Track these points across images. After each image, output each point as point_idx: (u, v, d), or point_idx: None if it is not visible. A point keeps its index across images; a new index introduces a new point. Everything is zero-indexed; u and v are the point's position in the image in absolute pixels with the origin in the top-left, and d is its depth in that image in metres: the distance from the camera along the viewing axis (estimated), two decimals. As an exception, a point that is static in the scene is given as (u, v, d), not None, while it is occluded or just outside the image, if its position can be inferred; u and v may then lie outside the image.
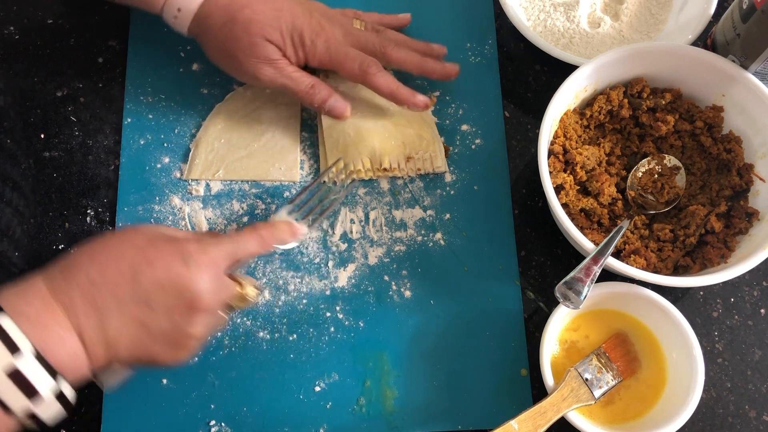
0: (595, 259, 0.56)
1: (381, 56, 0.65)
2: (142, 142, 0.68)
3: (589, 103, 0.65)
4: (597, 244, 0.57)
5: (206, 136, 0.67)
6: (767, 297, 0.64)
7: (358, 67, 0.64)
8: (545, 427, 0.55)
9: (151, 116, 0.69)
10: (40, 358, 0.45)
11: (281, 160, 0.67)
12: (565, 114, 0.64)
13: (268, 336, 0.62)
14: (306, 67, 0.65)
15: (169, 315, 0.50)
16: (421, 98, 0.66)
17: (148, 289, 0.49)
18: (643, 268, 0.58)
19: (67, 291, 0.48)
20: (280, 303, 0.63)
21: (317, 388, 0.61)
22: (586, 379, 0.57)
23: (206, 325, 0.52)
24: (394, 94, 0.65)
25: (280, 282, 0.64)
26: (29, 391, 0.45)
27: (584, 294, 0.55)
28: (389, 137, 0.67)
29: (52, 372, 0.46)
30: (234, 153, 0.67)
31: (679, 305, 0.61)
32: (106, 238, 0.51)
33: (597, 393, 0.57)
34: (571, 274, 0.56)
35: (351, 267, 0.64)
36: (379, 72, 0.64)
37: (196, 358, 0.61)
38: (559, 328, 0.60)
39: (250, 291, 0.56)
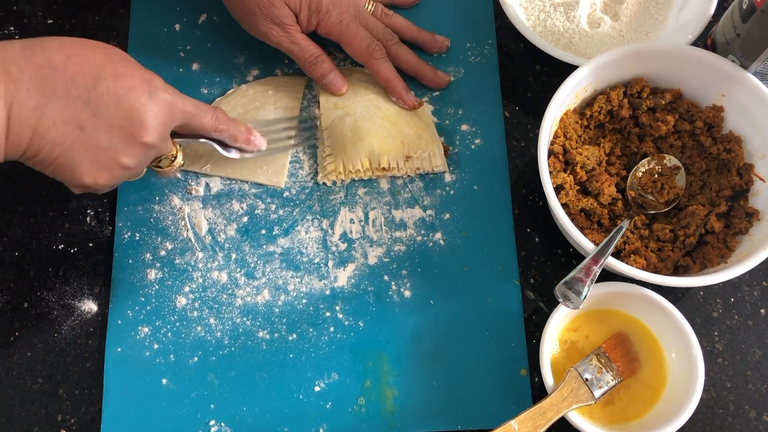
0: (595, 259, 0.56)
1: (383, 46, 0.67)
2: (141, 142, 0.68)
3: (589, 103, 0.65)
4: (597, 244, 0.57)
5: None
6: (767, 297, 0.64)
7: (365, 47, 0.65)
8: (545, 427, 0.55)
9: (151, 116, 0.69)
10: None
11: (269, 163, 0.67)
12: (565, 114, 0.64)
13: (267, 336, 0.62)
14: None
15: (109, 132, 0.49)
16: (411, 97, 0.68)
17: (103, 97, 0.48)
18: (643, 268, 0.58)
19: (19, 62, 0.46)
20: (279, 303, 0.63)
21: (317, 388, 0.61)
22: (586, 379, 0.57)
23: (137, 160, 0.52)
24: (390, 84, 0.67)
25: (280, 282, 0.64)
26: None
27: (584, 294, 0.55)
28: (388, 137, 0.67)
29: None
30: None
31: (679, 305, 0.61)
32: (83, 40, 0.50)
33: (597, 393, 0.57)
34: (571, 274, 0.56)
35: (351, 267, 0.64)
36: (383, 58, 0.66)
37: (196, 359, 0.61)
38: (559, 328, 0.60)
39: (180, 158, 0.58)
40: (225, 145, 0.62)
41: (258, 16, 0.63)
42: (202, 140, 0.60)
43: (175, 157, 0.58)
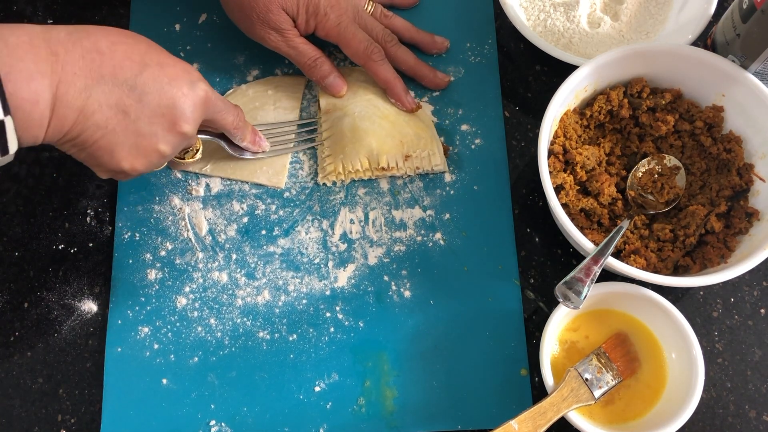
0: (595, 259, 0.56)
1: (381, 48, 0.67)
2: (142, 142, 0.68)
3: (589, 103, 0.65)
4: (597, 244, 0.57)
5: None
6: (767, 297, 0.64)
7: (363, 49, 0.65)
8: (545, 427, 0.55)
9: (151, 116, 0.69)
10: None
11: (270, 164, 0.67)
12: (565, 114, 0.64)
13: (268, 336, 0.62)
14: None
15: (152, 119, 0.50)
16: (410, 100, 0.68)
17: (148, 84, 0.49)
18: (643, 268, 0.58)
19: (67, 44, 0.46)
20: (280, 303, 0.63)
21: (317, 388, 0.61)
22: (586, 379, 0.57)
23: (173, 148, 0.53)
24: (389, 85, 0.67)
25: (280, 282, 0.64)
26: None
27: (584, 294, 0.55)
28: (387, 136, 0.67)
29: (3, 101, 0.43)
30: (224, 150, 0.67)
31: (679, 305, 0.61)
32: (124, 30, 0.51)
33: (597, 393, 0.57)
34: (571, 274, 0.56)
35: (351, 267, 0.64)
36: (382, 60, 0.66)
37: (197, 359, 0.61)
38: (559, 328, 0.60)
39: (200, 152, 0.60)
40: (232, 144, 0.64)
41: (255, 22, 0.63)
42: (210, 138, 0.62)
43: (198, 150, 0.60)
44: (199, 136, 0.61)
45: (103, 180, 0.67)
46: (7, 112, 0.43)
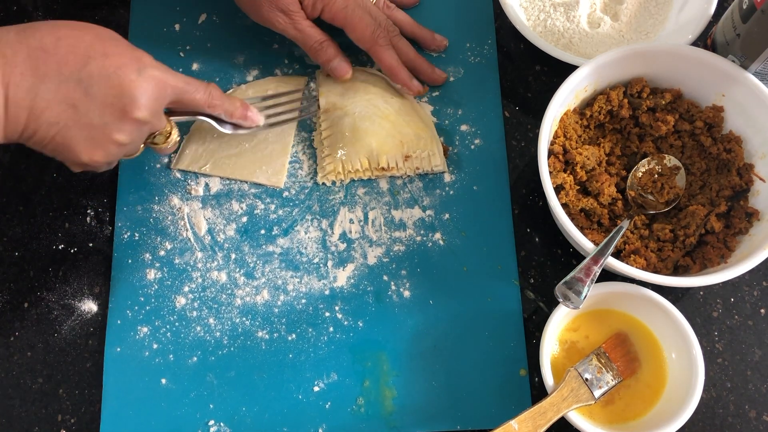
0: (595, 259, 0.56)
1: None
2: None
3: (589, 103, 0.65)
4: (597, 244, 0.57)
5: (200, 129, 0.68)
6: (767, 297, 0.64)
7: (370, 34, 0.65)
8: (545, 427, 0.55)
9: (150, 116, 0.69)
10: None
11: (269, 163, 0.67)
12: (565, 114, 0.63)
13: (267, 336, 0.62)
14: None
15: (101, 110, 0.50)
16: (416, 83, 0.68)
17: (93, 76, 0.49)
18: (643, 268, 0.58)
19: (14, 45, 0.47)
20: (279, 303, 0.63)
21: (316, 388, 0.61)
22: (586, 379, 0.57)
23: (130, 136, 0.53)
24: (394, 71, 0.67)
25: (279, 282, 0.64)
26: None
27: (584, 294, 0.55)
28: (387, 136, 0.67)
29: None
30: (224, 149, 0.67)
31: (679, 305, 0.61)
32: (74, 22, 0.51)
33: (597, 393, 0.57)
34: (571, 274, 0.56)
35: (350, 267, 0.64)
36: (387, 45, 0.66)
37: (195, 359, 0.61)
38: (559, 328, 0.60)
39: (175, 135, 0.59)
40: (222, 122, 0.63)
41: (263, 4, 0.64)
42: (200, 117, 0.61)
43: (170, 134, 0.59)
44: (180, 118, 0.60)
45: (103, 180, 0.67)
46: None
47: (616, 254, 0.60)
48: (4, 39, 0.47)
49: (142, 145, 0.58)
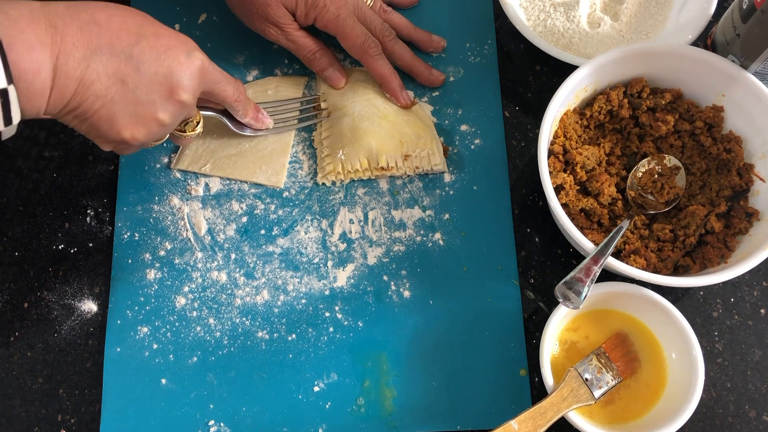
0: (595, 259, 0.56)
1: (379, 42, 0.67)
2: (141, 142, 0.68)
3: (589, 103, 0.65)
4: (597, 244, 0.57)
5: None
6: (767, 297, 0.64)
7: (360, 44, 0.66)
8: (545, 427, 0.55)
9: (150, 116, 0.69)
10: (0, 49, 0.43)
11: (269, 163, 0.67)
12: (565, 114, 0.63)
13: (267, 336, 0.62)
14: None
15: (149, 87, 0.51)
16: (405, 96, 0.68)
17: (145, 54, 0.50)
18: (643, 268, 0.58)
19: (65, 17, 0.48)
20: (279, 303, 0.63)
21: (316, 388, 0.61)
22: (586, 379, 0.57)
23: (173, 117, 0.53)
24: (385, 80, 0.67)
25: (279, 282, 0.64)
26: None
27: (584, 294, 0.55)
28: (386, 136, 0.67)
29: (7, 70, 0.44)
30: (224, 149, 0.67)
31: (679, 305, 0.61)
32: (122, 6, 0.52)
33: (597, 393, 0.57)
34: (571, 274, 0.56)
35: (350, 267, 0.64)
36: (378, 55, 0.66)
37: (195, 359, 0.61)
38: (559, 328, 0.60)
39: (200, 126, 0.60)
40: (234, 121, 0.64)
41: (254, 16, 0.64)
42: (217, 114, 0.63)
43: (198, 123, 0.60)
44: (201, 112, 0.61)
45: (103, 180, 0.67)
46: (10, 81, 0.44)
47: (616, 254, 0.60)
48: (53, 11, 0.47)
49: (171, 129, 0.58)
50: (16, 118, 0.46)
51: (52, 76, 0.47)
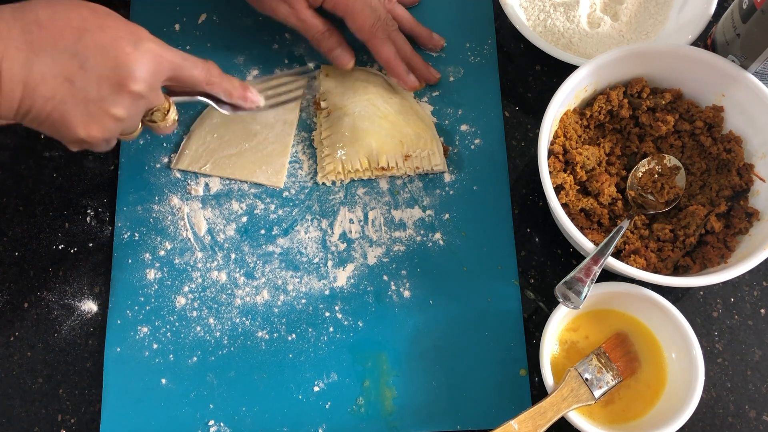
0: (595, 259, 0.56)
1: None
2: (141, 142, 0.68)
3: (589, 103, 0.65)
4: (597, 244, 0.57)
5: (200, 128, 0.68)
6: (767, 297, 0.64)
7: (370, 26, 0.65)
8: (545, 427, 0.55)
9: (150, 116, 0.69)
10: None
11: (269, 163, 0.67)
12: (565, 114, 0.63)
13: (267, 336, 0.62)
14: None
15: (98, 83, 0.49)
16: (412, 78, 0.68)
17: (89, 49, 0.49)
18: (643, 268, 0.58)
19: (10, 21, 0.47)
20: (279, 303, 0.63)
21: (316, 388, 0.61)
22: (586, 379, 0.57)
23: (128, 110, 0.52)
24: (391, 64, 0.67)
25: (279, 282, 0.64)
26: None
27: (584, 294, 0.55)
28: (387, 136, 0.67)
29: None
30: (224, 149, 0.67)
31: (679, 305, 0.61)
32: (75, 1, 0.51)
33: (597, 393, 0.57)
34: (571, 274, 0.56)
35: (350, 267, 0.64)
36: (385, 38, 0.66)
37: (195, 359, 0.61)
38: (559, 328, 0.60)
39: (173, 113, 0.57)
40: (221, 102, 0.61)
41: None
42: (199, 98, 0.60)
43: (168, 111, 0.57)
44: (179, 99, 0.59)
45: (103, 180, 0.67)
46: None
47: (616, 254, 0.60)
48: (0, 17, 0.47)
49: (140, 125, 0.57)
50: None
51: None
